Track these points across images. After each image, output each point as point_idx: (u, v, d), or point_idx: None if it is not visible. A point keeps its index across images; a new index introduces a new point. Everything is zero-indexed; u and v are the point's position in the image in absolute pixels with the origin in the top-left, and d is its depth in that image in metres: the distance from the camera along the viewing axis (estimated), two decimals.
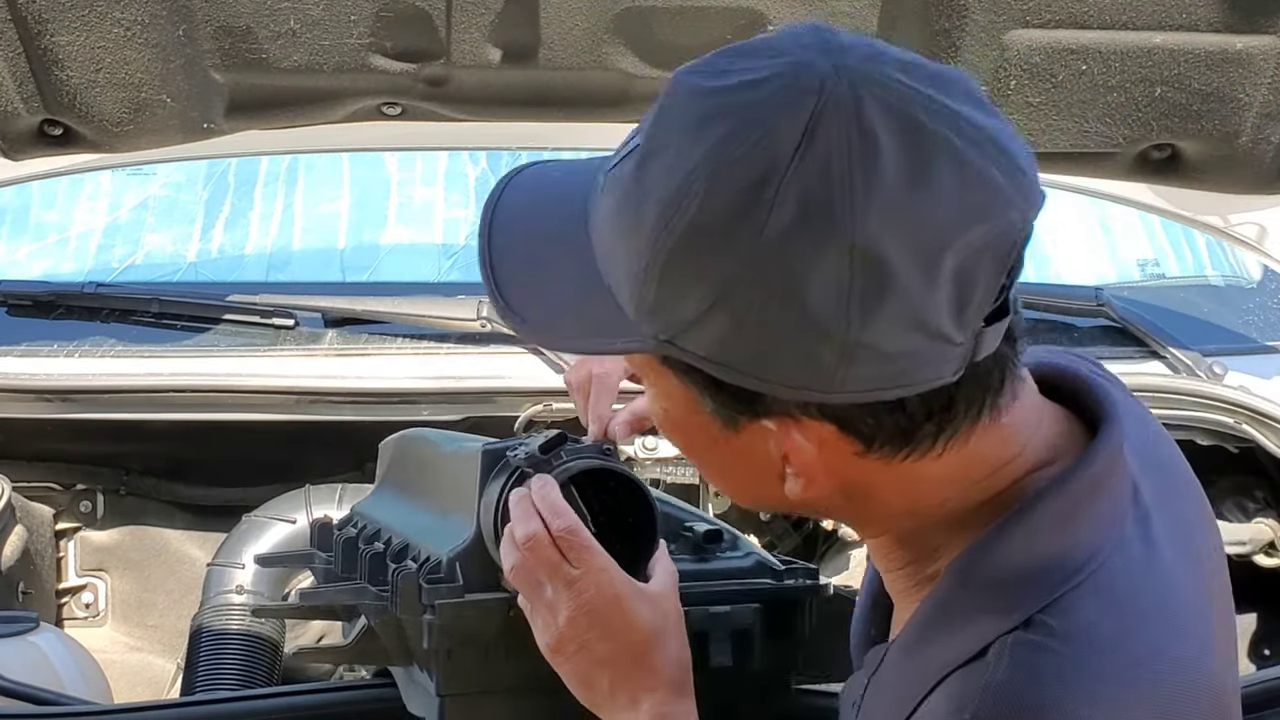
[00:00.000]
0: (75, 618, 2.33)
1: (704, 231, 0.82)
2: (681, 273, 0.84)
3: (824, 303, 0.81)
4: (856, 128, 0.80)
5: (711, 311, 0.83)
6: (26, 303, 2.27)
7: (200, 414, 2.15)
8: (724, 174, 0.82)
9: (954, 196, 0.81)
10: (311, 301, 2.27)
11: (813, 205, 0.80)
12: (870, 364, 0.82)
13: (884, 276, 0.81)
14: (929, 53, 1.70)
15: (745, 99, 0.83)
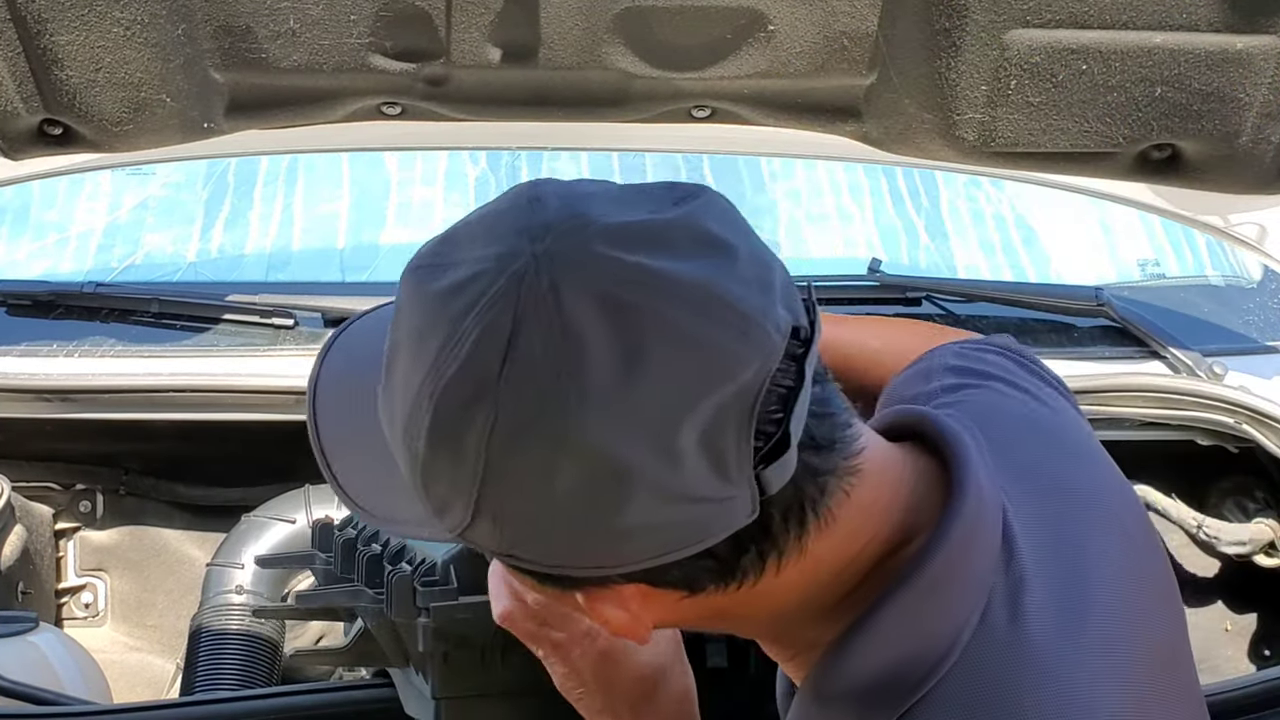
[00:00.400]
0: (75, 618, 2.33)
1: (439, 453, 0.81)
2: (437, 483, 0.83)
3: (572, 502, 0.79)
4: (559, 326, 0.78)
5: (479, 515, 0.82)
6: (26, 302, 2.27)
7: (200, 414, 2.15)
8: (444, 393, 0.80)
9: (673, 377, 0.78)
10: (311, 301, 2.27)
11: (529, 419, 0.78)
12: (645, 538, 0.80)
13: (621, 471, 0.78)
14: (929, 52, 1.70)
15: (454, 308, 0.81)
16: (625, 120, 1.86)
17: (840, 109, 1.84)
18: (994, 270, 2.84)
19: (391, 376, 0.85)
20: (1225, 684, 1.74)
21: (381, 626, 1.37)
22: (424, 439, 0.82)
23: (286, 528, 2.12)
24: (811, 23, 1.71)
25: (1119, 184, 1.99)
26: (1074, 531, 0.95)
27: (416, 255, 0.88)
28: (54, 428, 2.20)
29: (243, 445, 2.26)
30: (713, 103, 1.83)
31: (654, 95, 1.81)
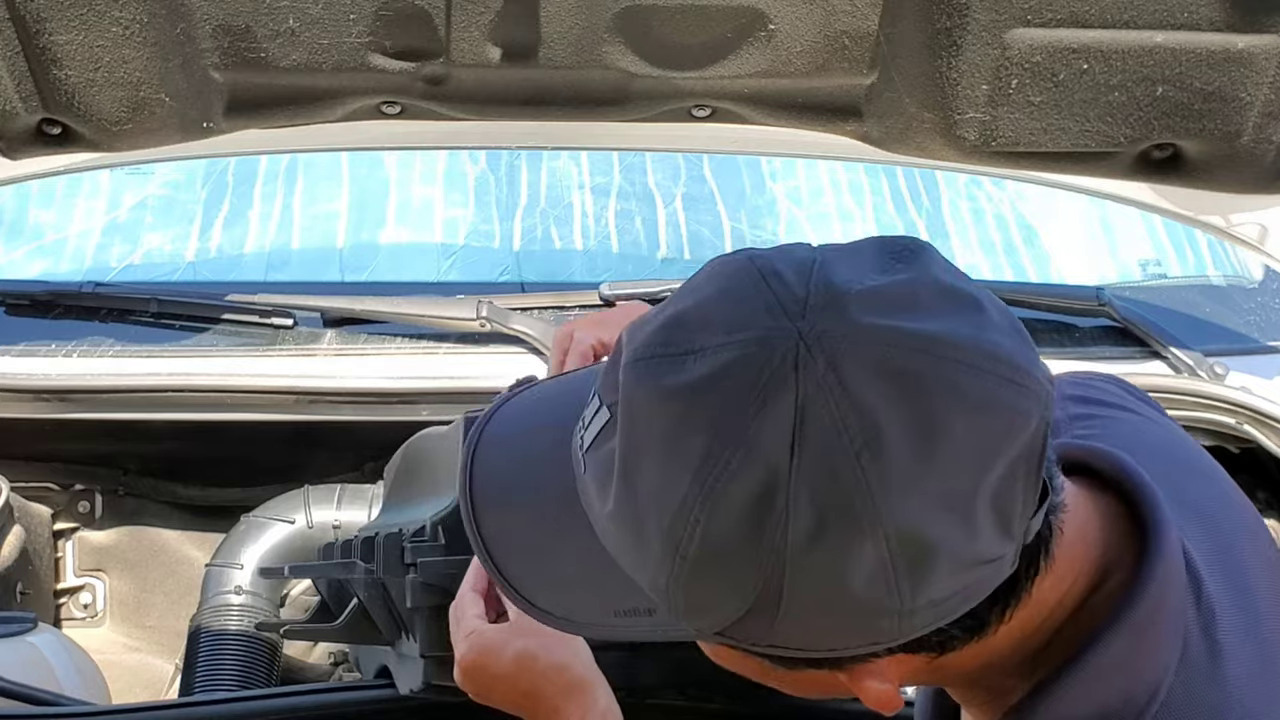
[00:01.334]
0: (73, 618, 2.33)
1: (721, 554, 0.77)
2: (707, 589, 0.79)
3: (870, 589, 0.77)
4: (850, 408, 0.74)
5: (753, 613, 0.78)
6: (24, 302, 2.27)
7: (199, 414, 2.14)
8: (722, 498, 0.76)
9: (969, 441, 0.76)
10: (310, 301, 2.27)
11: (830, 509, 0.75)
12: (929, 611, 0.79)
13: (924, 548, 0.76)
14: (930, 52, 1.70)
15: (714, 401, 0.76)
16: (625, 119, 1.86)
17: (841, 108, 1.84)
18: (995, 270, 2.84)
19: (633, 484, 0.79)
20: None
21: (373, 597, 1.38)
22: (698, 543, 0.76)
23: (286, 528, 2.12)
24: (812, 22, 1.70)
25: (1120, 184, 1.98)
26: (1234, 557, 0.95)
27: (639, 347, 0.80)
28: (53, 428, 2.20)
29: (242, 445, 2.26)
30: (713, 102, 1.83)
31: (654, 94, 1.81)
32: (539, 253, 2.86)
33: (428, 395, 2.13)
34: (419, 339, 2.22)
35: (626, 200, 2.98)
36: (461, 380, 2.15)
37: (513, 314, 2.20)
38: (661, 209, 2.95)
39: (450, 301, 2.25)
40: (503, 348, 2.18)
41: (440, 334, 2.22)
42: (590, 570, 0.85)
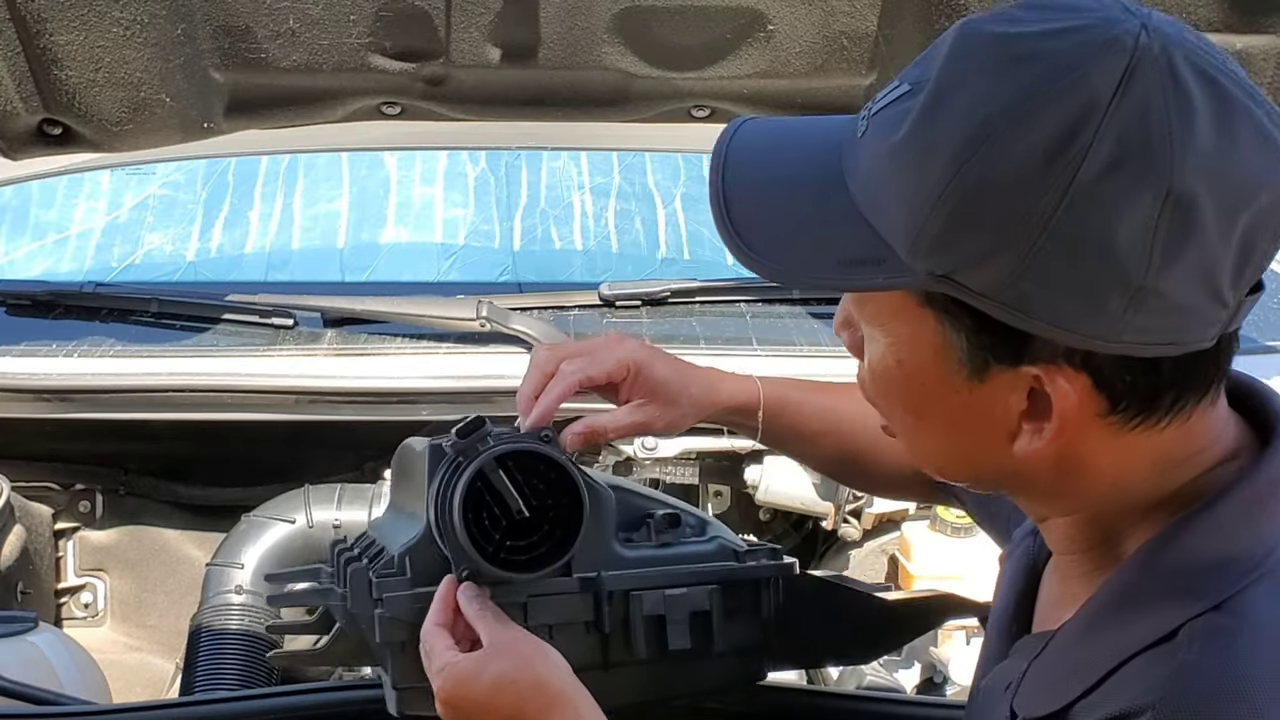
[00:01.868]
0: (74, 617, 2.33)
1: (1008, 173, 0.83)
2: (974, 213, 0.84)
3: (1129, 245, 0.82)
4: (1170, 78, 0.82)
5: (1001, 251, 0.83)
6: (25, 302, 2.27)
7: (199, 414, 2.15)
8: (1036, 115, 0.82)
9: (1253, 157, 0.83)
10: (311, 301, 2.27)
11: (1132, 148, 0.81)
12: (1154, 314, 0.84)
13: (1190, 223, 0.82)
14: None
15: (1053, 46, 0.84)
16: (625, 120, 1.86)
17: (840, 109, 1.84)
18: None
19: (940, 107, 0.86)
20: None
21: (351, 623, 1.37)
22: (985, 164, 0.83)
23: (286, 528, 2.12)
24: (811, 23, 1.71)
25: None
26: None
27: (974, 16, 0.91)
28: (53, 428, 2.20)
29: (242, 445, 2.26)
30: (712, 102, 1.83)
31: (653, 95, 1.82)
32: (539, 253, 2.87)
33: (428, 395, 2.13)
34: (419, 339, 2.22)
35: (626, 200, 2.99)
36: (461, 380, 2.15)
37: (512, 314, 2.20)
38: (661, 209, 2.96)
39: (450, 301, 2.25)
40: (502, 348, 2.18)
41: (440, 334, 2.22)
42: (822, 220, 0.91)
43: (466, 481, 1.20)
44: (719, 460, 2.26)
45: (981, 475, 0.98)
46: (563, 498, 1.24)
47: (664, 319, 2.33)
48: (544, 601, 1.27)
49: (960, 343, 0.89)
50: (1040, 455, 0.91)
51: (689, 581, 1.31)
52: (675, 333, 2.26)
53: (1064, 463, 0.92)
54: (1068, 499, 0.97)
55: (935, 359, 0.90)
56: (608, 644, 1.29)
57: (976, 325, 0.87)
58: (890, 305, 0.91)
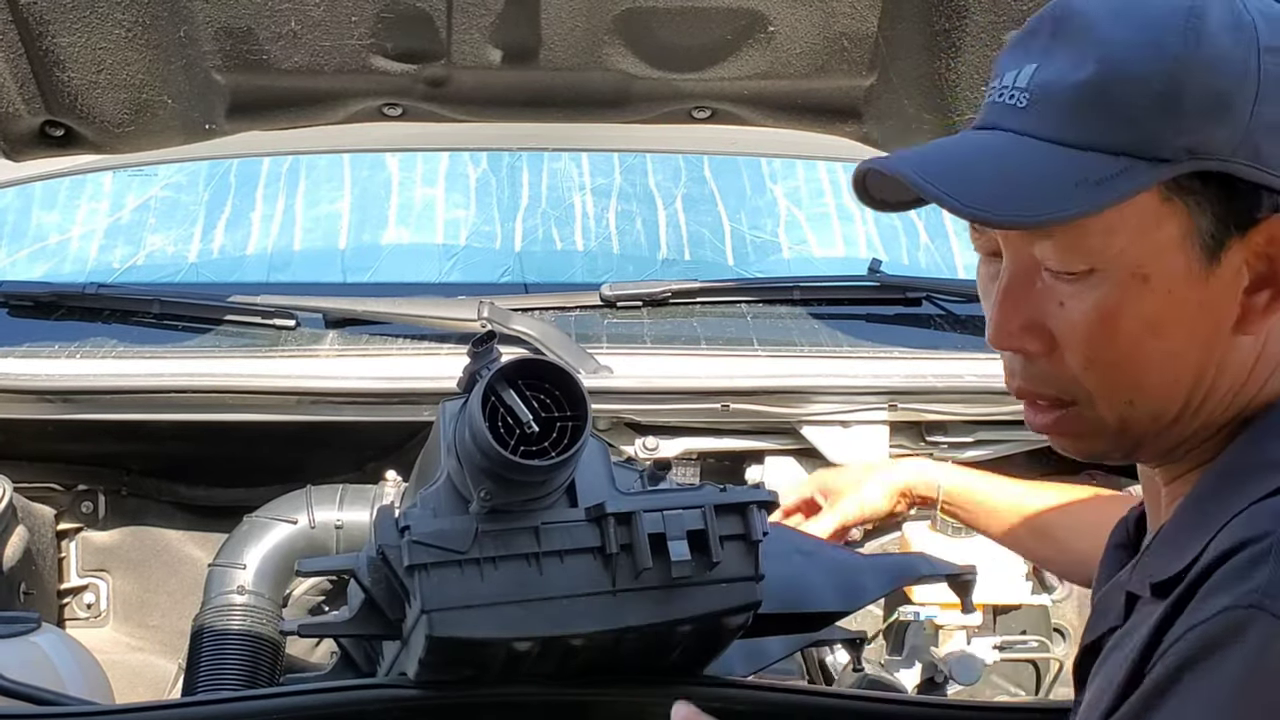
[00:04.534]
0: (77, 618, 2.33)
1: (1218, 46, 0.94)
2: (1207, 87, 0.93)
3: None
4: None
5: (1237, 111, 0.93)
6: (28, 303, 2.28)
7: (201, 414, 2.15)
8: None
9: None
10: (312, 302, 2.27)
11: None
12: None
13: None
14: (929, 53, 1.70)
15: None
16: (626, 121, 1.87)
17: (840, 110, 1.85)
18: None
19: (1108, 43, 0.95)
20: None
21: (378, 579, 1.42)
22: (1205, 26, 0.94)
23: (288, 528, 2.12)
24: (812, 24, 1.71)
25: None
26: None
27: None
28: (56, 428, 2.20)
29: (244, 446, 2.26)
30: (713, 103, 1.84)
31: (654, 96, 1.82)
32: (540, 253, 2.87)
33: (429, 396, 2.13)
34: (420, 340, 2.23)
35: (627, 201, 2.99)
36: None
37: (514, 315, 2.20)
38: (662, 210, 2.96)
39: (452, 302, 2.25)
40: (504, 349, 2.18)
41: (442, 335, 2.23)
42: (1037, 166, 0.96)
43: (481, 391, 1.32)
44: (720, 460, 2.26)
45: (1193, 399, 1.01)
46: (568, 405, 1.34)
47: (665, 319, 2.33)
48: (553, 529, 1.38)
49: (1205, 223, 0.95)
50: (1251, 341, 0.99)
51: (684, 505, 1.40)
52: (676, 333, 2.26)
53: (1256, 351, 1.00)
54: (1239, 407, 1.02)
55: (1181, 255, 0.96)
56: (615, 569, 1.38)
57: (1220, 194, 0.95)
58: (1134, 218, 0.96)
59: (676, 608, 1.40)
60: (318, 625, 1.74)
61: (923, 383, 2.14)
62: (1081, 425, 1.04)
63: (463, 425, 1.37)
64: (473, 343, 1.41)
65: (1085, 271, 0.98)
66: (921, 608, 2.09)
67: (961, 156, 1.01)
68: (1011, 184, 0.96)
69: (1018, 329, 1.02)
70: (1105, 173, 0.94)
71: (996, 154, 0.99)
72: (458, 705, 1.49)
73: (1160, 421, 1.02)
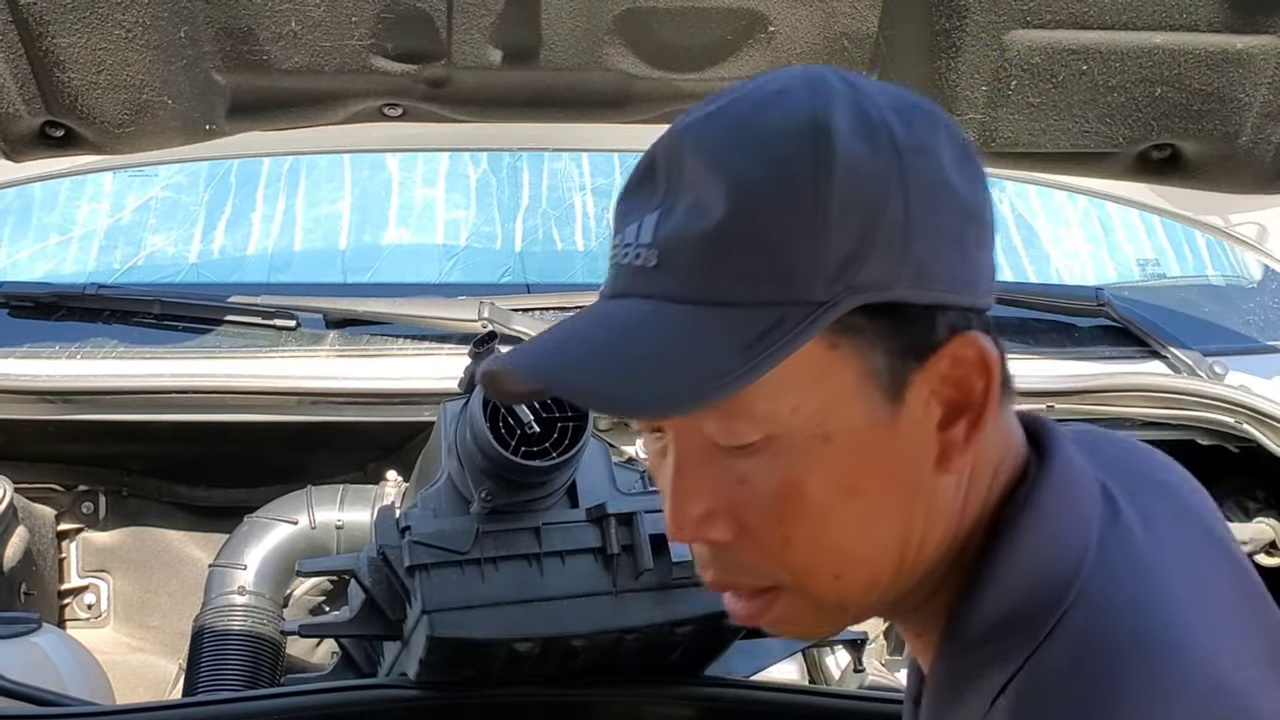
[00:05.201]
0: (77, 619, 2.33)
1: (855, 164, 0.83)
2: (855, 213, 0.82)
3: (956, 177, 0.86)
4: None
5: (891, 232, 0.83)
6: (28, 304, 2.28)
7: (202, 415, 2.15)
8: (831, 123, 0.84)
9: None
10: (313, 302, 2.27)
11: (908, 101, 0.87)
12: (989, 249, 0.88)
13: (970, 148, 0.89)
14: (929, 53, 1.70)
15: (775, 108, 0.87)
16: (626, 121, 1.87)
17: None
18: None
19: (749, 145, 0.85)
20: None
21: (379, 580, 1.42)
22: (837, 169, 0.83)
23: (288, 529, 2.12)
24: (812, 24, 1.71)
25: (1119, 184, 1.99)
26: (1181, 533, 0.95)
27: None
28: (56, 429, 2.21)
29: (245, 446, 2.27)
30: None
31: (655, 96, 1.82)
32: (541, 254, 2.87)
33: (430, 396, 2.13)
34: (421, 340, 2.23)
35: None
36: None
37: (515, 315, 2.20)
38: None
39: (452, 303, 2.25)
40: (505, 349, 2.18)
41: (442, 335, 2.23)
42: (684, 334, 0.84)
43: (482, 392, 1.29)
44: None
45: (906, 555, 0.90)
46: (569, 405, 1.35)
47: None
48: (554, 530, 1.39)
49: (878, 360, 0.84)
50: (954, 477, 0.88)
51: None
52: None
53: (961, 483, 0.90)
54: (950, 551, 0.92)
55: (860, 403, 0.84)
56: (616, 569, 1.39)
57: (890, 326, 0.84)
58: (799, 374, 0.83)
59: (677, 609, 1.40)
60: (318, 626, 1.74)
61: None
62: (792, 609, 0.91)
63: (464, 426, 1.37)
64: (474, 343, 1.40)
65: (761, 441, 0.85)
66: None
67: (594, 339, 0.87)
68: (658, 363, 0.83)
69: (699, 518, 0.88)
70: (757, 330, 0.81)
71: (633, 329, 0.85)
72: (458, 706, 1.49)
73: (876, 588, 0.90)
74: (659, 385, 0.83)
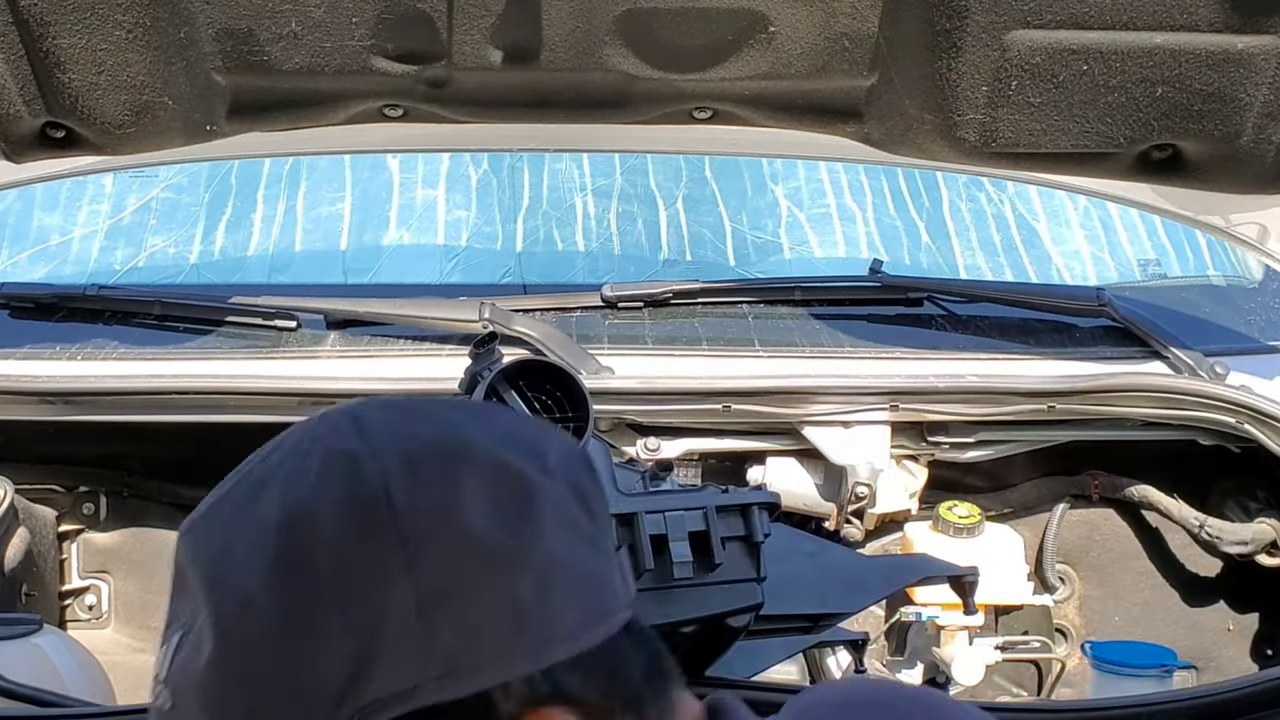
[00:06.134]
0: (78, 620, 2.34)
1: (335, 560, 0.74)
2: (336, 617, 0.72)
3: (486, 524, 0.74)
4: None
5: (395, 632, 0.72)
6: (29, 305, 2.28)
7: (202, 416, 2.15)
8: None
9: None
10: (313, 303, 2.27)
11: (422, 458, 0.78)
12: (567, 586, 0.76)
13: (523, 484, 0.77)
14: (930, 53, 1.70)
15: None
16: (626, 122, 1.87)
17: (841, 110, 1.84)
18: (996, 271, 2.85)
19: (205, 598, 0.76)
20: (1228, 684, 1.74)
21: None
22: (313, 570, 0.73)
23: None
24: (812, 24, 1.71)
25: (1120, 184, 1.99)
26: None
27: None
28: (57, 430, 2.21)
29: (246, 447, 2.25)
30: (714, 104, 1.84)
31: (655, 97, 1.82)
32: (541, 254, 2.87)
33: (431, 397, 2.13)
34: (422, 341, 2.23)
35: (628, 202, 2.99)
36: None
37: (515, 315, 2.21)
38: (663, 210, 2.96)
39: (453, 303, 2.26)
40: (505, 350, 2.18)
41: (443, 336, 2.23)
42: None
43: (482, 392, 1.28)
44: (721, 461, 2.26)
45: None
46: (570, 406, 1.36)
47: (666, 320, 2.33)
48: None
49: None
50: None
51: (686, 506, 1.41)
52: (678, 334, 2.26)
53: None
54: None
55: None
56: None
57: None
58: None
59: (678, 609, 1.40)
60: None
61: (924, 383, 2.14)
62: None
63: None
64: (474, 344, 1.40)
65: None
66: (923, 608, 2.10)
67: None
68: None
69: None
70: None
71: None
72: None
73: None
74: None
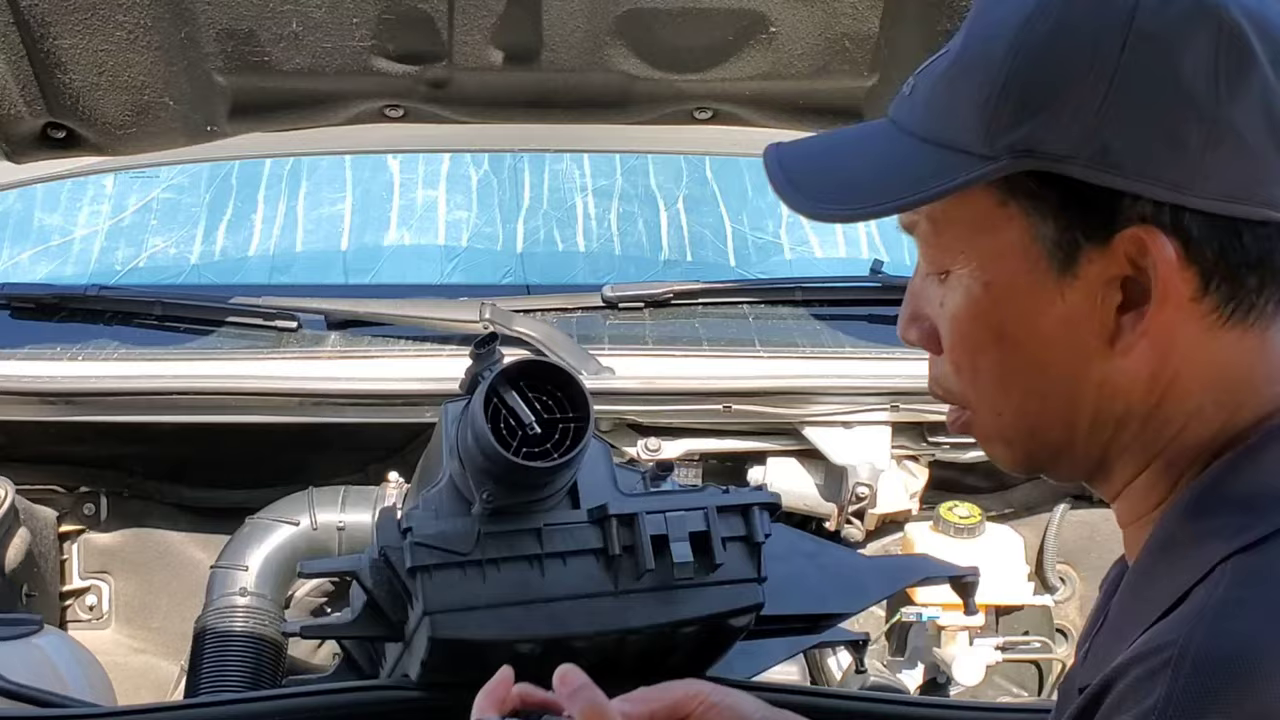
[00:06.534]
0: (79, 620, 2.33)
1: (1067, 28, 0.85)
2: (1043, 76, 0.86)
3: (1195, 77, 0.84)
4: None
5: (1076, 107, 0.85)
6: (30, 305, 2.28)
7: (203, 416, 2.15)
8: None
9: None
10: (314, 304, 2.27)
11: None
12: (1230, 154, 0.85)
13: (1246, 57, 0.85)
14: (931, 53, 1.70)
15: None
16: (627, 122, 1.87)
17: (842, 110, 1.84)
18: None
19: (978, 22, 0.90)
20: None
21: (380, 581, 1.43)
22: (1047, 30, 0.85)
23: (290, 530, 2.12)
24: (813, 24, 1.71)
25: None
26: None
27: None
28: (58, 430, 2.21)
29: (246, 448, 2.27)
30: (714, 104, 1.84)
31: (656, 97, 1.82)
32: (542, 254, 2.87)
33: (431, 397, 2.13)
34: (422, 341, 2.23)
35: (629, 202, 2.99)
36: None
37: (516, 316, 2.20)
38: (664, 211, 2.96)
39: (454, 304, 2.25)
40: (506, 350, 2.18)
41: (444, 336, 2.23)
42: (889, 159, 0.93)
43: (483, 392, 1.28)
44: (722, 461, 2.26)
45: (1075, 419, 0.93)
46: (570, 406, 1.35)
47: (667, 320, 2.33)
48: (555, 531, 1.38)
49: (1047, 230, 0.88)
50: (1139, 364, 0.89)
51: (686, 506, 1.40)
52: (678, 334, 2.26)
53: (1158, 377, 0.90)
54: (1150, 438, 0.93)
55: (1024, 263, 0.89)
56: (617, 570, 1.38)
57: (1063, 199, 0.87)
58: (970, 219, 0.91)
59: (679, 609, 1.40)
60: (320, 627, 1.74)
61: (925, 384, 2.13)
62: (974, 430, 1.00)
63: (465, 427, 1.37)
64: (475, 344, 1.40)
65: (944, 274, 0.95)
66: (924, 609, 2.09)
67: (834, 147, 1.00)
68: (857, 175, 0.94)
69: (906, 320, 1.00)
70: (931, 169, 0.89)
71: (859, 145, 0.97)
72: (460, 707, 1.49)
73: (1040, 439, 0.96)
74: (846, 194, 0.94)
